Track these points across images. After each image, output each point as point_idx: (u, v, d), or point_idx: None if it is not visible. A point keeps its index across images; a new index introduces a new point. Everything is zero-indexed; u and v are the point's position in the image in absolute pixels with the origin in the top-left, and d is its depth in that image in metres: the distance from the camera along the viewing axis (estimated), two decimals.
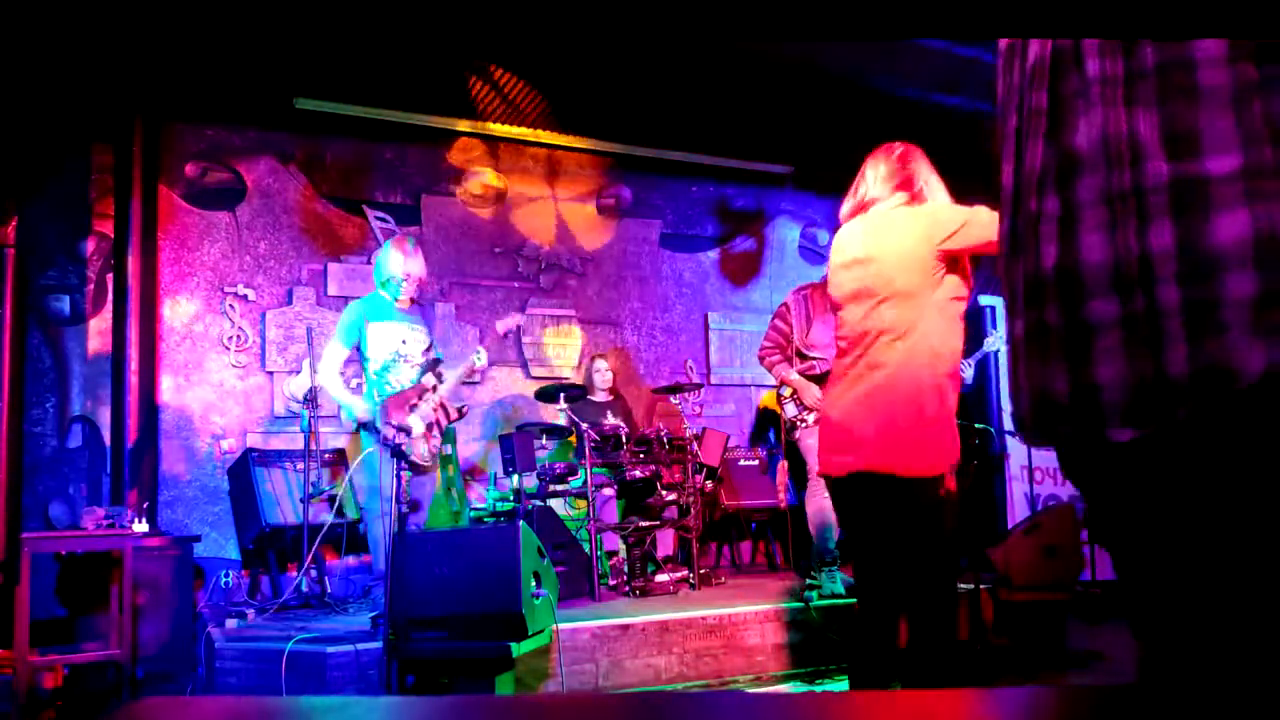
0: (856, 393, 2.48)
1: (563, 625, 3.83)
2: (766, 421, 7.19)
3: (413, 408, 4.15)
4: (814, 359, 4.92)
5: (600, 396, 6.25)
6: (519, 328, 6.33)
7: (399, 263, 4.26)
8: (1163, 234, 0.96)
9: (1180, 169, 0.96)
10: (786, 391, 4.99)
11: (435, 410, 4.22)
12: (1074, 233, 1.05)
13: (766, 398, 7.00)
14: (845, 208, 2.68)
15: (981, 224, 2.36)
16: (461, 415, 4.40)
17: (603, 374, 6.33)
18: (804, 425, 4.91)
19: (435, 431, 4.26)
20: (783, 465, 6.51)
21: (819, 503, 4.86)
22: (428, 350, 4.37)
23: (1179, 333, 0.95)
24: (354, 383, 4.68)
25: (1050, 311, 1.06)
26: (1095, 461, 1.07)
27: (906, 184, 2.58)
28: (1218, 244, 0.93)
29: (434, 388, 4.23)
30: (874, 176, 2.62)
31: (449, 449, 6.36)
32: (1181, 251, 0.95)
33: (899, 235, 2.47)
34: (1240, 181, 0.92)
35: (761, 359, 5.08)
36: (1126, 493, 1.05)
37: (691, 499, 5.37)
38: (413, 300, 4.36)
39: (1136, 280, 0.98)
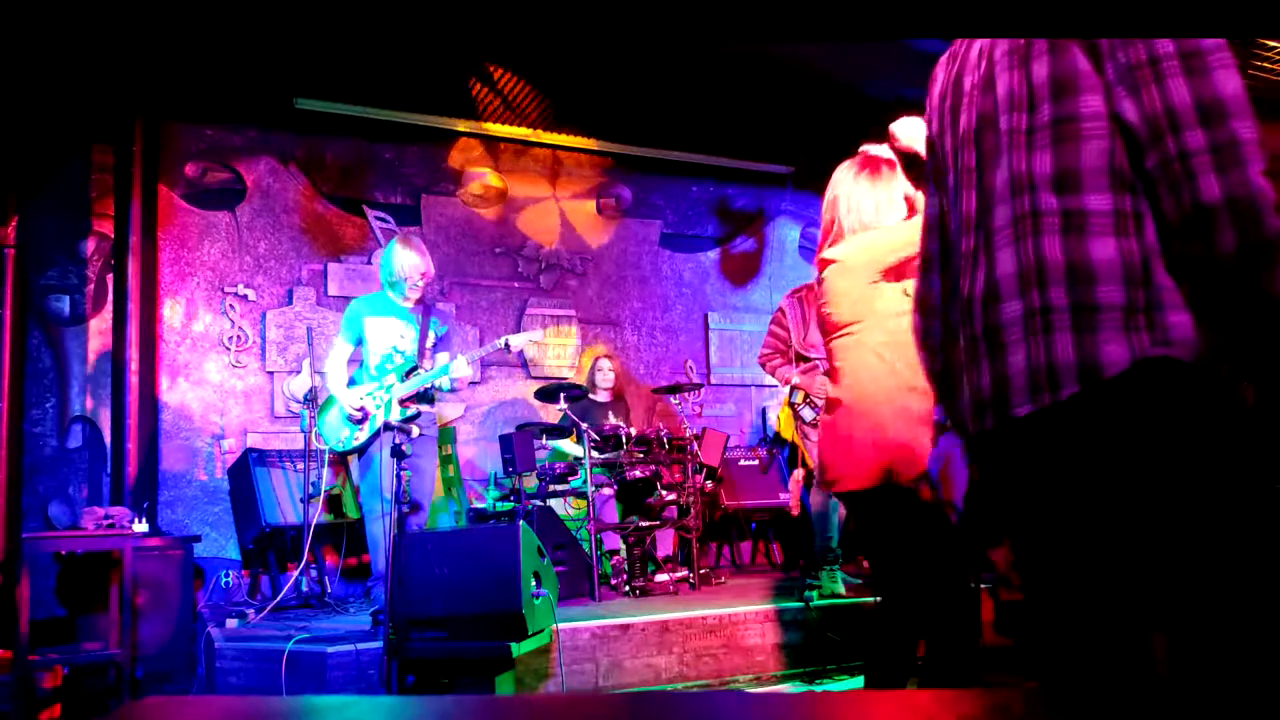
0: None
1: (563, 625, 3.83)
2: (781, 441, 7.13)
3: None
4: (815, 359, 4.93)
5: (602, 396, 6.25)
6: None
7: (407, 259, 4.28)
8: (1054, 248, 1.22)
9: (1065, 202, 1.22)
10: (798, 397, 4.99)
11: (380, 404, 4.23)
12: (991, 253, 1.31)
13: (783, 424, 6.87)
14: None
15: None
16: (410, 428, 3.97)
17: (605, 374, 6.32)
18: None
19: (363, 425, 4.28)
20: (798, 474, 6.50)
21: (821, 496, 4.86)
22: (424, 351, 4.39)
23: (1066, 325, 1.19)
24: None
25: (976, 324, 1.31)
26: (1004, 442, 1.29)
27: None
28: (1094, 261, 1.19)
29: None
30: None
31: (449, 449, 6.37)
32: (1068, 263, 1.20)
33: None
34: (1110, 217, 1.19)
35: (762, 364, 5.08)
36: (1024, 468, 1.27)
37: (691, 499, 5.37)
38: (418, 301, 4.40)
39: (1034, 283, 1.23)
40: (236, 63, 5.52)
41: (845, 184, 2.52)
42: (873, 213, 2.47)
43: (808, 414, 4.97)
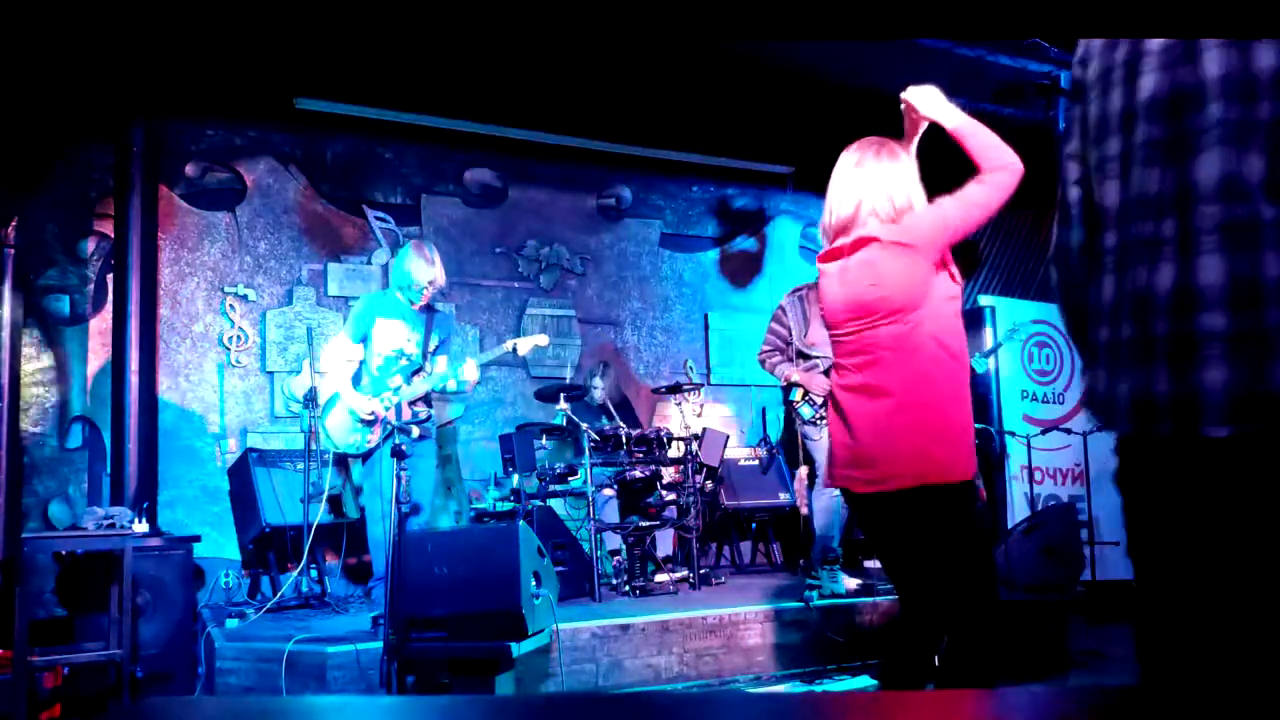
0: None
1: (563, 625, 3.83)
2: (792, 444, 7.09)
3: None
4: (816, 358, 4.92)
5: (596, 399, 6.20)
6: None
7: (423, 270, 4.31)
8: (1273, 264, 1.12)
9: None
10: (797, 395, 4.98)
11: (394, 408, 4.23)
12: (1190, 253, 1.20)
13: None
14: None
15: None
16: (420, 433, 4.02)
17: (597, 391, 6.24)
18: (821, 423, 4.89)
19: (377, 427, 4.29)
20: (803, 473, 6.49)
21: (824, 502, 4.86)
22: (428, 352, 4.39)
23: None
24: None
25: (1158, 324, 1.21)
26: (1183, 457, 1.22)
27: None
28: None
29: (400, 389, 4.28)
30: None
31: (449, 449, 6.37)
32: None
33: None
34: None
35: (762, 362, 5.07)
36: (1207, 488, 1.20)
37: (691, 499, 5.36)
38: (427, 306, 4.41)
39: (1247, 300, 1.13)
40: (236, 62, 5.51)
41: (866, 168, 2.44)
42: (903, 195, 2.40)
43: (806, 411, 4.96)
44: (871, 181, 2.42)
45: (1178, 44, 1.25)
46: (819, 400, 4.88)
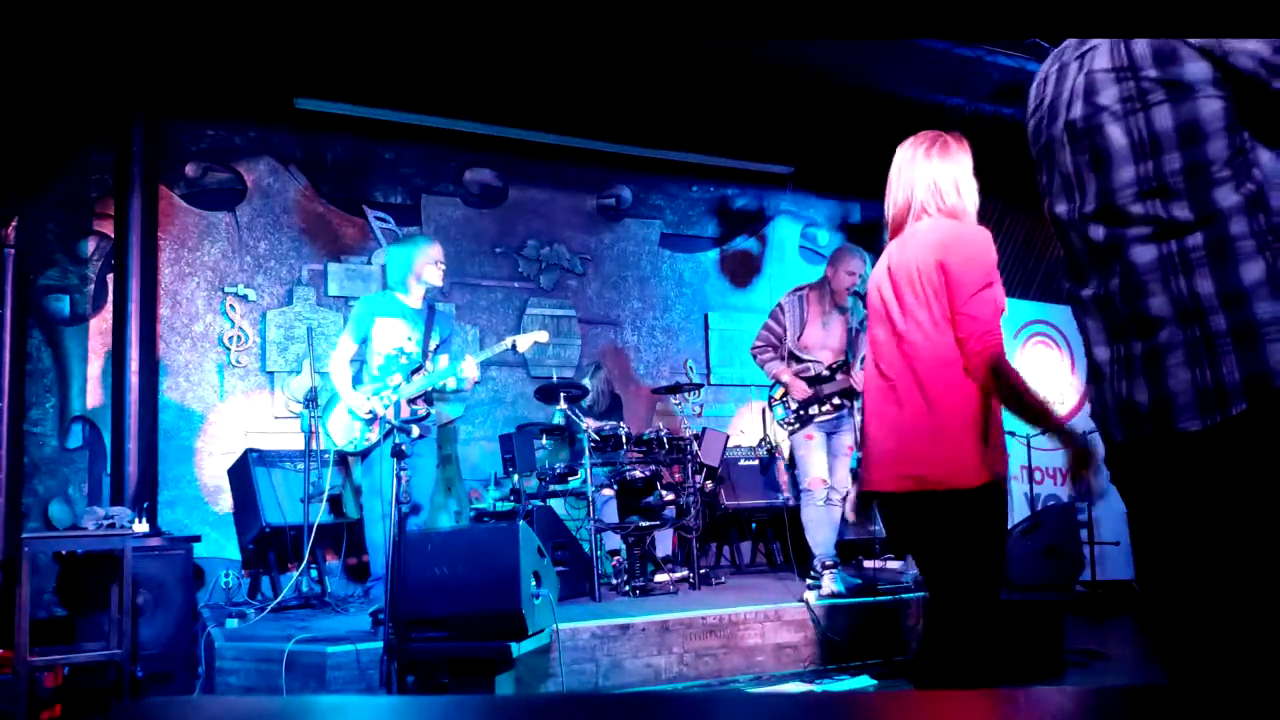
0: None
1: (563, 625, 3.83)
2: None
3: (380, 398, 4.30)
4: (808, 361, 4.90)
5: (591, 400, 6.16)
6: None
7: (431, 249, 4.43)
8: (1205, 282, 1.31)
9: (1210, 233, 1.32)
10: (777, 392, 4.96)
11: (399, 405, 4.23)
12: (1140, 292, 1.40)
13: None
14: None
15: None
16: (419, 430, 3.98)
17: (590, 393, 6.23)
18: (794, 429, 4.87)
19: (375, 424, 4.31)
20: (780, 467, 6.49)
21: (812, 514, 4.84)
22: (428, 351, 4.40)
23: (1229, 348, 1.28)
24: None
25: (1134, 344, 1.41)
26: (1165, 455, 1.37)
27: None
28: (1244, 284, 1.29)
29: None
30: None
31: (449, 449, 6.37)
32: (1220, 293, 1.30)
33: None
34: (1251, 239, 1.30)
35: (754, 355, 5.07)
36: (1189, 481, 1.34)
37: (691, 499, 5.36)
38: (423, 299, 4.46)
39: (1192, 314, 1.32)
40: (236, 62, 5.51)
41: (919, 163, 2.41)
42: (953, 191, 2.38)
43: (779, 412, 4.93)
44: (923, 176, 2.40)
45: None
46: (794, 405, 4.86)
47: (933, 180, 2.38)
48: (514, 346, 4.46)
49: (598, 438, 5.22)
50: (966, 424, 2.28)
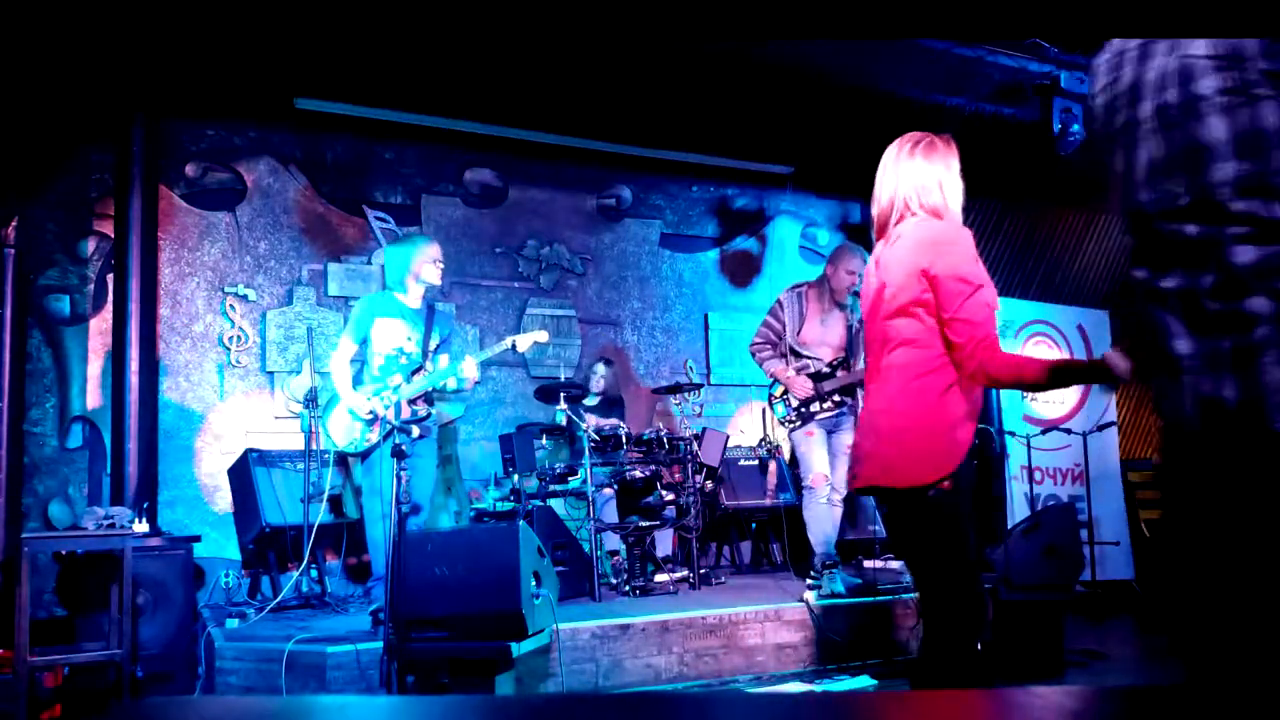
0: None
1: (563, 625, 3.83)
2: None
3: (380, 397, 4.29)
4: (807, 358, 4.90)
5: (591, 400, 6.18)
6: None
7: (430, 248, 4.43)
8: None
9: None
10: (777, 390, 4.96)
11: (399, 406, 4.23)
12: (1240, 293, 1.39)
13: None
14: None
15: None
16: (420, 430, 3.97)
17: (596, 378, 6.28)
18: (795, 426, 4.87)
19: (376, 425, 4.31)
20: (771, 467, 6.49)
21: (814, 511, 4.84)
22: (428, 351, 4.40)
23: None
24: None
25: (1223, 341, 1.39)
26: (1250, 451, 1.36)
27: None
28: None
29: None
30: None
31: (449, 449, 6.37)
32: None
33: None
34: None
35: (753, 353, 5.07)
36: (1275, 479, 1.32)
37: (691, 499, 5.36)
38: (422, 298, 4.47)
39: None
40: (236, 62, 5.51)
41: (903, 162, 2.41)
42: (936, 190, 2.37)
43: (780, 410, 4.93)
44: (906, 175, 2.40)
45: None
46: (794, 403, 4.86)
47: (915, 179, 2.38)
48: (514, 346, 4.46)
49: (598, 438, 5.22)
50: (920, 423, 2.29)
